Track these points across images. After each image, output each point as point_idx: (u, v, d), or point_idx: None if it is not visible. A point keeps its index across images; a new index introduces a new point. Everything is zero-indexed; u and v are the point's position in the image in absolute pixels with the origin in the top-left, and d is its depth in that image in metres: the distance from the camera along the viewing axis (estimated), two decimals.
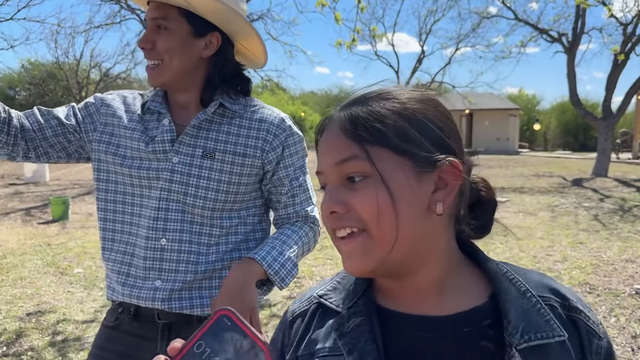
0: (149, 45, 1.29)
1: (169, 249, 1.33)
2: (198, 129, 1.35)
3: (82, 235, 7.14)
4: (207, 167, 1.33)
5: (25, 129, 1.34)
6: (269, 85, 21.41)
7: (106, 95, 1.46)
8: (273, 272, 1.28)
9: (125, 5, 15.63)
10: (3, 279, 4.98)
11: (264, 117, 1.38)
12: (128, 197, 1.38)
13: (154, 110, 1.39)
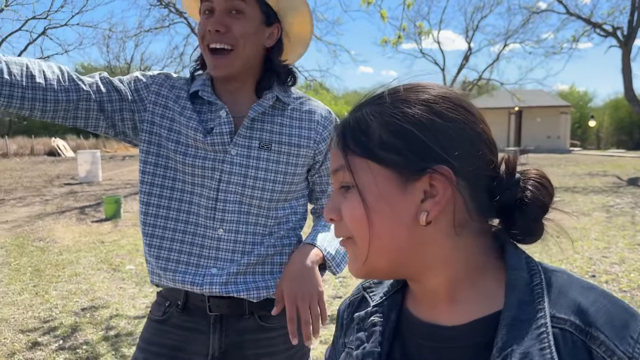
0: (224, 29, 1.25)
1: (226, 238, 1.34)
2: (253, 121, 1.35)
3: (134, 233, 7.35)
4: (265, 159, 1.34)
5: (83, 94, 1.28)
6: (312, 85, 21.44)
7: (153, 76, 1.40)
8: (330, 257, 1.32)
9: (174, 9, 16.02)
10: (59, 275, 5.17)
11: (313, 109, 1.41)
12: (179, 185, 1.36)
13: (204, 100, 1.37)
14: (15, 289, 4.73)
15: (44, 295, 4.52)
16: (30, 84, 1.17)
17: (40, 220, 8.51)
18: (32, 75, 1.18)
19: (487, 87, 23.13)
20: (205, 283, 1.32)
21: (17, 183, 14.97)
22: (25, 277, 5.12)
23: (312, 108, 1.41)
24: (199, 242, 1.35)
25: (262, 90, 1.37)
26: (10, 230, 7.63)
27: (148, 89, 1.36)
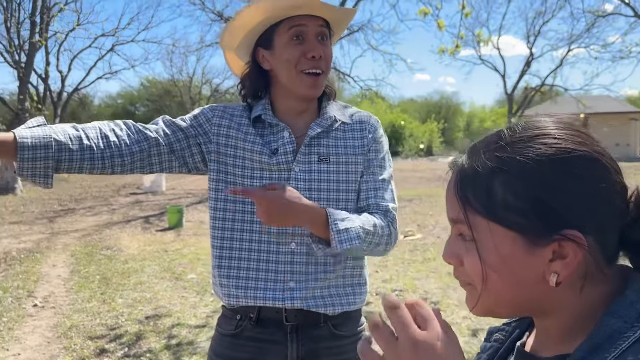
0: (322, 54, 1.36)
1: (299, 251, 1.39)
2: (311, 139, 1.43)
3: (195, 242, 7.55)
4: (325, 171, 1.42)
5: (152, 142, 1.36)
6: (368, 94, 21.40)
7: (213, 108, 1.48)
8: (335, 229, 1.28)
9: None
10: (125, 283, 5.38)
11: (362, 119, 1.50)
12: (249, 207, 1.41)
13: (265, 122, 1.44)
14: (84, 296, 4.95)
15: (111, 303, 4.71)
16: (106, 144, 1.28)
17: (108, 229, 8.91)
18: (106, 136, 1.28)
19: (550, 94, 22.29)
20: (286, 298, 1.38)
21: (87, 193, 15.75)
22: (94, 284, 5.36)
23: (361, 119, 1.50)
24: (274, 258, 1.40)
25: (321, 108, 1.47)
26: (80, 238, 8.02)
27: (210, 122, 1.44)
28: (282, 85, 1.41)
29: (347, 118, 1.49)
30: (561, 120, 0.63)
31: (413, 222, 8.75)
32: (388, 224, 1.40)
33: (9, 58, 16.17)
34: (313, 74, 1.36)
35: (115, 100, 50.71)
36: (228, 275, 1.42)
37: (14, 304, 4.73)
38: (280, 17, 1.36)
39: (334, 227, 1.27)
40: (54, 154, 1.20)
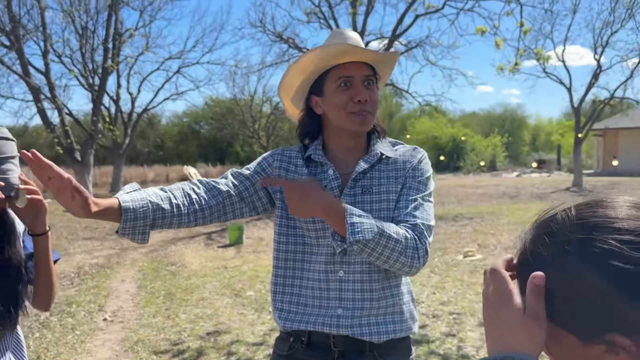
0: (368, 98, 1.49)
1: (346, 279, 1.49)
2: (358, 173, 1.53)
3: (254, 259, 7.73)
4: (368, 201, 1.51)
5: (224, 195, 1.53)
6: (427, 109, 21.17)
7: (273, 153, 1.66)
8: (349, 222, 1.34)
9: (292, 44, 16.84)
10: (188, 299, 5.59)
11: (405, 152, 1.60)
12: (305, 239, 1.56)
13: (317, 162, 1.57)
14: (150, 311, 5.19)
15: (175, 319, 4.91)
16: (189, 201, 1.47)
17: (173, 244, 9.27)
18: (188, 195, 1.48)
19: (620, 106, 21.20)
20: (333, 325, 1.48)
21: None
22: (159, 300, 5.60)
23: (405, 152, 1.60)
24: (324, 286, 1.51)
25: (370, 146, 1.58)
26: (147, 254, 8.39)
27: (271, 166, 1.60)
28: (333, 126, 1.55)
29: (393, 153, 1.58)
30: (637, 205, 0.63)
31: (473, 242, 8.55)
32: (414, 237, 1.42)
33: (84, 82, 17.24)
34: (360, 113, 1.49)
35: (181, 119, 52.74)
36: (282, 300, 1.57)
37: (86, 317, 5.02)
38: (328, 66, 1.50)
39: (349, 219, 1.35)
40: (150, 214, 1.38)
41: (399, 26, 15.22)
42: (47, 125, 15.72)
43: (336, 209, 1.37)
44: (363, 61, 1.51)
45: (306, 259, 1.55)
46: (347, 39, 1.53)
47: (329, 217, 1.38)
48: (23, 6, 16.03)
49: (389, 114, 43.08)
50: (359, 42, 1.55)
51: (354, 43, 1.50)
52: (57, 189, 1.24)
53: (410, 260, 1.39)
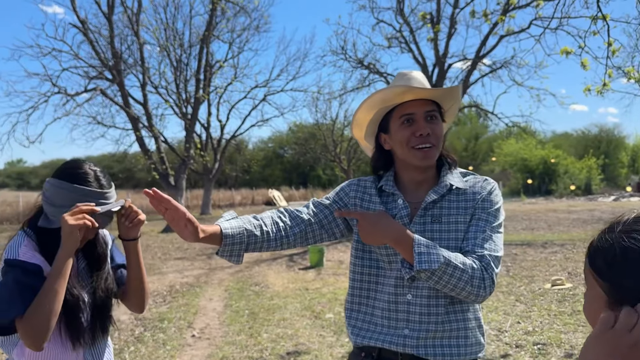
0: (430, 131, 1.59)
1: (414, 302, 1.58)
2: (428, 203, 1.62)
3: (334, 282, 7.83)
4: (437, 230, 1.60)
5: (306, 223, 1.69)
6: (514, 131, 20.49)
7: (350, 183, 1.80)
8: (417, 250, 1.44)
9: (373, 69, 17.05)
10: (270, 319, 5.78)
11: (475, 184, 1.66)
12: (378, 263, 1.67)
13: (388, 192, 1.69)
14: (234, 329, 5.43)
15: (257, 337, 5.11)
16: (277, 229, 1.64)
17: (257, 266, 9.60)
18: (276, 222, 1.65)
19: None
20: (400, 344, 1.58)
21: None
22: (243, 319, 5.84)
23: (475, 183, 1.66)
24: (393, 307, 1.61)
25: (439, 177, 1.66)
26: (233, 274, 8.76)
27: (348, 195, 1.75)
28: (400, 160, 1.67)
29: (463, 184, 1.65)
30: None
31: (563, 270, 8.12)
32: (481, 268, 1.48)
33: (178, 111, 18.43)
34: (423, 148, 1.59)
35: (266, 145, 54.54)
36: (356, 317, 1.71)
37: (176, 333, 5.35)
38: (392, 105, 1.64)
39: (417, 249, 1.44)
40: (245, 240, 1.56)
41: (483, 47, 14.98)
42: (144, 152, 16.93)
43: (405, 238, 1.47)
44: (424, 98, 1.62)
45: (379, 282, 1.66)
46: (408, 79, 1.65)
47: (398, 246, 1.49)
48: (124, 42, 17.56)
49: (475, 136, 41.97)
50: (422, 80, 1.66)
51: (416, 82, 1.63)
52: (172, 219, 1.45)
53: (476, 289, 1.46)
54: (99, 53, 16.18)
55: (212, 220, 1.63)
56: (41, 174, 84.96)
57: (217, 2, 17.70)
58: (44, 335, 1.45)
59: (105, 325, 1.73)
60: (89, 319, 1.65)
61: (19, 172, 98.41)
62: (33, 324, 1.43)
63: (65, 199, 1.56)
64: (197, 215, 25.19)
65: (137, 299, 1.79)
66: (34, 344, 1.45)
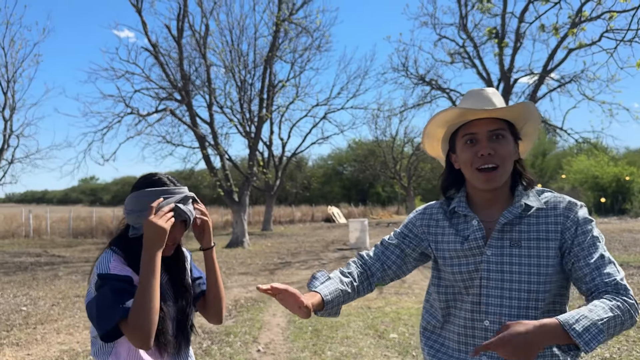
0: (492, 151, 1.55)
1: (492, 329, 1.55)
2: (504, 225, 1.57)
3: (397, 301, 7.74)
4: (517, 255, 1.54)
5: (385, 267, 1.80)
6: (585, 147, 19.63)
7: (416, 213, 1.82)
8: (575, 335, 1.30)
9: (435, 85, 16.89)
10: (333, 337, 5.79)
11: (557, 205, 1.57)
12: (455, 289, 1.66)
13: (460, 214, 1.67)
14: (298, 345, 5.47)
15: (321, 355, 5.12)
16: (363, 278, 1.77)
17: None
18: (362, 273, 1.78)
19: None
20: None
21: (301, 247, 17.23)
22: (307, 335, 5.88)
23: (556, 204, 1.58)
24: (470, 332, 1.60)
25: (513, 197, 1.61)
26: None
27: (415, 226, 1.78)
28: (469, 180, 1.65)
29: (541, 204, 1.58)
30: None
31: None
32: (622, 300, 1.40)
33: (242, 130, 18.95)
34: (486, 169, 1.56)
35: (325, 162, 54.96)
36: (433, 339, 1.71)
37: (242, 347, 5.46)
38: (456, 126, 1.63)
39: (573, 333, 1.30)
40: (341, 300, 1.68)
41: (551, 61, 14.53)
42: (210, 169, 17.50)
43: (556, 329, 1.32)
44: (490, 117, 1.57)
45: (457, 306, 1.65)
46: (475, 98, 1.62)
47: (553, 341, 1.34)
48: (192, 64, 18.31)
49: (542, 152, 40.52)
50: (490, 97, 1.61)
51: (483, 101, 1.60)
52: (286, 302, 1.54)
53: (629, 322, 1.40)
54: (168, 75, 16.96)
55: (273, 237, 1.77)
56: (112, 190, 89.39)
57: (281, 24, 18.18)
58: (150, 332, 1.54)
59: (188, 336, 1.82)
60: (173, 329, 1.74)
61: (92, 189, 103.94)
62: (138, 324, 1.51)
63: (143, 203, 1.67)
64: (259, 231, 25.68)
65: (215, 308, 1.87)
66: (143, 342, 1.53)
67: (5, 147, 18.34)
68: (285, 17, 18.32)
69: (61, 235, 23.50)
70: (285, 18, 18.31)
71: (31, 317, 7.03)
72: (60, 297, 8.46)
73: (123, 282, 1.60)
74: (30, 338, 5.97)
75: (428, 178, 38.15)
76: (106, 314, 1.53)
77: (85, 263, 13.50)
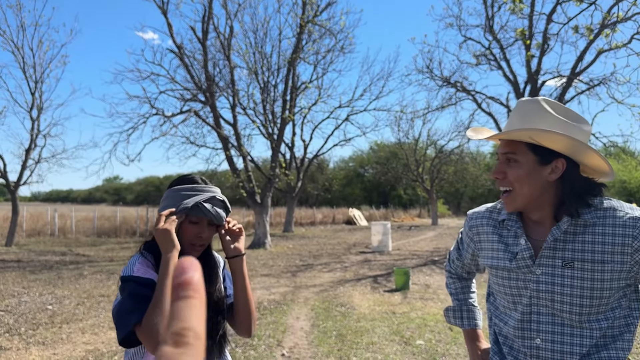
0: (501, 176, 1.52)
1: (544, 347, 1.49)
2: (555, 241, 1.47)
3: (422, 306, 7.62)
4: (569, 276, 1.45)
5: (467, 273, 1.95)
6: (613, 151, 19.18)
7: (471, 222, 1.76)
8: None
9: (460, 87, 16.68)
10: (358, 342, 5.70)
11: (617, 222, 1.42)
12: (505, 302, 1.61)
13: (510, 228, 1.59)
14: (323, 350, 5.40)
15: None
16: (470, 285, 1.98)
17: (341, 286, 9.56)
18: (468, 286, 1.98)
19: None
20: None
21: (323, 250, 17.16)
22: (331, 340, 5.80)
23: (616, 221, 1.43)
24: (522, 350, 1.53)
25: (559, 215, 1.50)
26: (318, 293, 8.77)
27: (469, 236, 1.76)
28: None
29: (600, 220, 1.44)
30: None
31: None
32: None
33: (264, 131, 18.97)
34: (503, 191, 1.53)
35: (347, 164, 54.89)
36: (495, 351, 1.66)
37: (266, 351, 5.40)
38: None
39: None
40: None
41: (579, 64, 14.22)
42: (233, 170, 17.55)
43: None
44: (515, 139, 1.49)
45: (504, 320, 1.61)
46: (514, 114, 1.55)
47: None
48: (216, 66, 18.40)
49: None
50: (525, 113, 1.49)
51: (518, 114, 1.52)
52: None
53: None
54: (193, 77, 17.06)
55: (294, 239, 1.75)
56: (135, 190, 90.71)
57: (305, 26, 18.16)
58: None
59: (221, 343, 1.75)
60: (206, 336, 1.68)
61: (116, 188, 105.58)
62: (150, 329, 1.46)
63: (169, 200, 1.68)
64: (280, 233, 25.71)
65: (244, 320, 1.78)
66: (155, 347, 1.49)
67: (32, 147, 18.64)
68: (309, 19, 18.29)
69: (86, 234, 23.84)
70: (309, 20, 18.29)
71: (57, 316, 7.09)
72: (85, 297, 8.54)
73: (144, 285, 1.56)
74: (56, 337, 6.01)
75: (451, 181, 37.74)
76: (124, 320, 1.50)
77: (109, 262, 13.64)
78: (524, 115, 1.49)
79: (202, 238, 1.69)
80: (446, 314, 1.95)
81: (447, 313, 1.94)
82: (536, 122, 1.45)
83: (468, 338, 1.90)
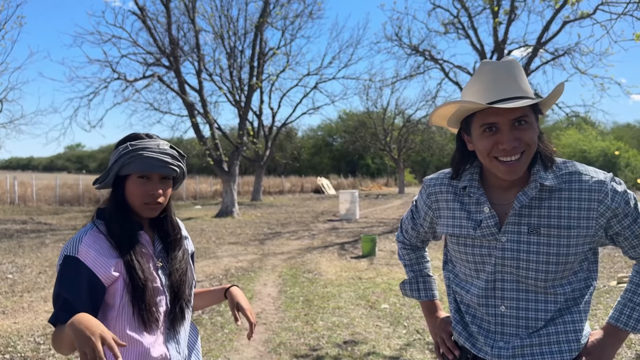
0: (517, 143, 1.36)
1: (509, 315, 1.48)
2: (521, 209, 1.44)
3: (387, 272, 7.74)
4: (535, 243, 1.42)
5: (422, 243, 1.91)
6: (575, 121, 19.64)
7: (429, 189, 1.66)
8: (634, 330, 1.50)
9: (428, 56, 16.68)
10: (325, 307, 5.77)
11: (583, 186, 1.40)
12: (466, 270, 1.58)
13: (472, 195, 1.52)
14: (290, 315, 5.44)
15: (313, 325, 5.10)
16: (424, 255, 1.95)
17: (309, 253, 9.62)
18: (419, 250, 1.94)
19: None
20: (494, 355, 1.50)
21: (291, 218, 17.21)
22: (298, 305, 5.86)
23: (581, 185, 1.41)
24: (486, 318, 1.52)
25: (529, 177, 1.45)
26: (286, 261, 8.81)
27: (427, 204, 1.68)
28: (484, 165, 1.47)
29: (565, 185, 1.42)
30: None
31: (629, 267, 7.74)
32: None
33: (232, 98, 18.65)
34: (508, 162, 1.37)
35: (315, 133, 54.75)
36: (457, 320, 1.63)
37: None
38: (471, 111, 1.42)
39: (635, 330, 1.50)
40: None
41: (545, 34, 14.37)
42: (199, 138, 17.26)
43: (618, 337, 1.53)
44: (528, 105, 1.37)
45: (465, 288, 1.58)
46: (491, 77, 1.40)
47: (620, 344, 1.53)
48: (181, 30, 17.86)
49: None
50: (512, 79, 1.39)
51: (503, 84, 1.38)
52: None
53: None
54: (156, 40, 16.53)
55: (262, 207, 1.80)
56: (99, 158, 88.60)
57: None
58: None
59: (183, 309, 1.70)
60: (167, 304, 1.64)
61: (78, 156, 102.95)
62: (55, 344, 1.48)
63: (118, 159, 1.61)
64: (248, 202, 25.61)
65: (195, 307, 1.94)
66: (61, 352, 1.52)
67: None
68: None
69: (47, 202, 23.23)
70: None
71: (17, 285, 6.93)
72: (47, 265, 8.36)
73: (79, 278, 1.45)
74: (16, 306, 5.88)
75: (418, 150, 38.14)
76: (55, 309, 1.45)
77: (72, 230, 13.36)
78: (516, 76, 1.40)
79: (155, 195, 1.58)
80: (402, 287, 1.89)
81: (404, 286, 1.88)
82: (525, 81, 1.42)
83: (426, 310, 1.85)
